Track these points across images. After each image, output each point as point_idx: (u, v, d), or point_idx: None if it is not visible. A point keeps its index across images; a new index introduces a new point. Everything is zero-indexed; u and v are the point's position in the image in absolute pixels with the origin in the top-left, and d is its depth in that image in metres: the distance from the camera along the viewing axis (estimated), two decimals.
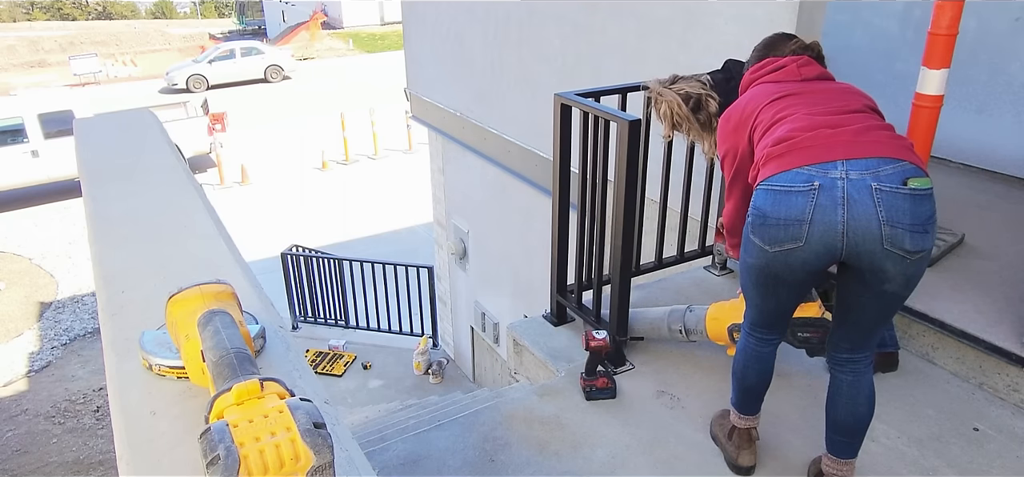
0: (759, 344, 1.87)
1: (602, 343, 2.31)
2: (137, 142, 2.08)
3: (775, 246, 1.57)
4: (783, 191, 1.54)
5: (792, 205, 1.52)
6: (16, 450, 6.60)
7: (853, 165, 1.49)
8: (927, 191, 1.49)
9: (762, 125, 1.74)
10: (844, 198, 1.48)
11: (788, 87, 1.79)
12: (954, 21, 2.59)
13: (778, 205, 1.54)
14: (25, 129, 12.28)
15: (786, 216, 1.53)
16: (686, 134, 2.49)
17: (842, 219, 1.48)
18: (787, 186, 1.54)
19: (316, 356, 7.40)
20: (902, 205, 1.47)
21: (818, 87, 1.79)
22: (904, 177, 1.48)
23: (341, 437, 0.88)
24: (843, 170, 1.49)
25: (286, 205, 12.58)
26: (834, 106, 1.66)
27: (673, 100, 2.42)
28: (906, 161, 1.50)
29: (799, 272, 1.60)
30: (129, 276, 1.29)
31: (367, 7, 33.72)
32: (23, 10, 40.03)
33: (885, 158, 1.49)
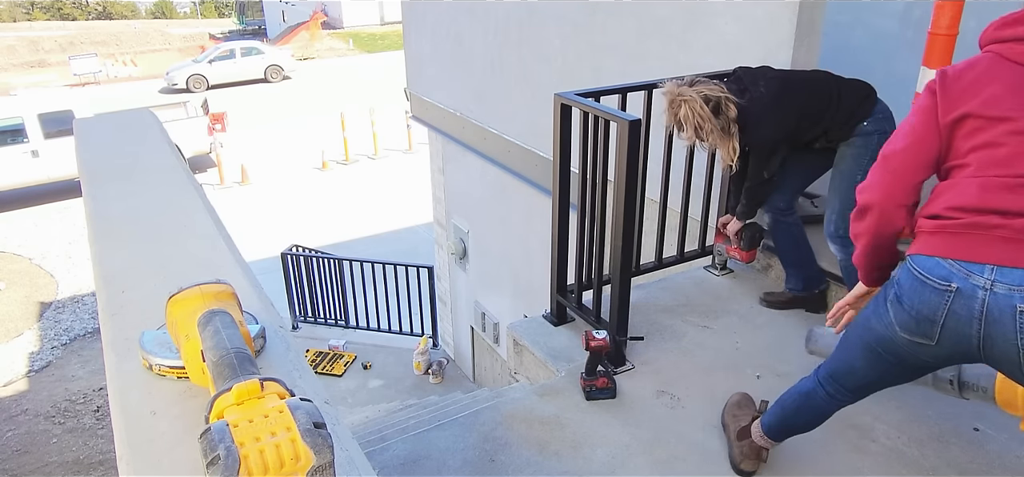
0: (828, 401, 1.73)
1: (602, 343, 2.31)
2: (137, 142, 2.08)
3: (905, 333, 1.39)
4: (920, 279, 1.33)
5: (925, 299, 1.32)
6: (16, 450, 6.60)
7: (1003, 275, 1.22)
8: None
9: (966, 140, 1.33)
10: (982, 313, 1.25)
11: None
12: (954, 21, 2.59)
13: (913, 293, 1.35)
14: (25, 129, 12.28)
15: (918, 310, 1.34)
16: (706, 139, 2.47)
17: (977, 333, 1.27)
18: (925, 275, 1.33)
19: (316, 356, 7.40)
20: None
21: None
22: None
23: (341, 437, 0.88)
24: (989, 278, 1.24)
25: (286, 205, 12.57)
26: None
27: (696, 103, 2.39)
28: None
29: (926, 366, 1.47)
30: (129, 276, 1.29)
31: (367, 7, 33.71)
32: (23, 10, 40.02)
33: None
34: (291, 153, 15.44)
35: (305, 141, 16.03)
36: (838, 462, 2.08)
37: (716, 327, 2.75)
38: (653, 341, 2.65)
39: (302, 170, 14.45)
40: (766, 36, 2.83)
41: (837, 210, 2.54)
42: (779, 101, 2.51)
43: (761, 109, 2.49)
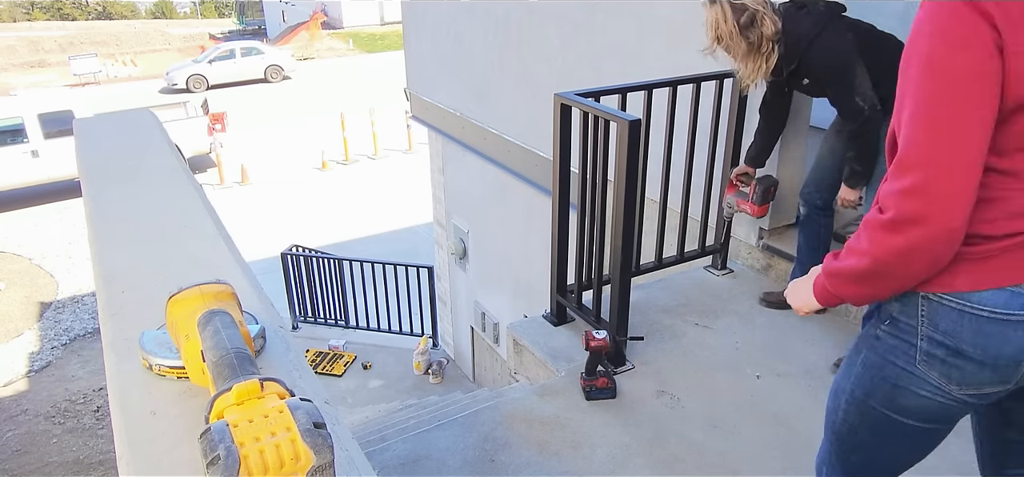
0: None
1: (602, 343, 2.31)
2: (137, 142, 2.08)
3: (968, 389, 1.09)
4: (992, 319, 1.04)
5: (1007, 341, 1.04)
6: (16, 450, 6.60)
7: None
8: None
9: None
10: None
11: None
12: None
13: (984, 338, 1.05)
14: (25, 129, 12.28)
15: (996, 355, 1.05)
16: (726, 51, 2.37)
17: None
18: (999, 313, 1.04)
19: (316, 356, 7.40)
20: None
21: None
22: None
23: (341, 437, 0.88)
24: None
25: (286, 205, 12.57)
26: None
27: (723, 9, 2.27)
28: None
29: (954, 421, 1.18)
30: (129, 276, 1.29)
31: (367, 7, 33.71)
32: (23, 10, 40.02)
33: None
34: (291, 153, 15.45)
35: (305, 141, 16.03)
36: None
37: (716, 327, 2.75)
38: (653, 341, 2.65)
39: (302, 170, 14.45)
40: None
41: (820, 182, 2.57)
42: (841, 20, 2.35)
43: (823, 25, 2.29)
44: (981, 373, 1.07)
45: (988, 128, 0.97)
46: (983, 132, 0.97)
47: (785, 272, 3.03)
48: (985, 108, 0.96)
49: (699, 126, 2.76)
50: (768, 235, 3.08)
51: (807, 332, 2.69)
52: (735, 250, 3.25)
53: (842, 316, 2.77)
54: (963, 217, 0.99)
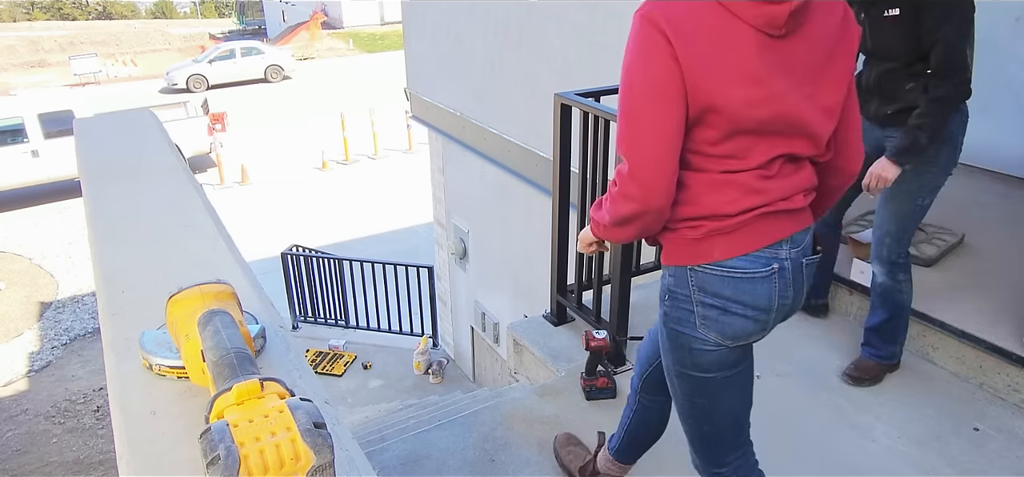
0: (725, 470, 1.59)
1: (602, 343, 2.31)
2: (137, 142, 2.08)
3: (739, 340, 1.35)
4: (746, 278, 1.30)
5: (758, 294, 1.31)
6: (16, 450, 6.60)
7: (794, 242, 1.33)
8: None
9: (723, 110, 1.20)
10: (792, 279, 1.34)
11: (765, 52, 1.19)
12: None
13: (742, 293, 1.30)
14: (25, 129, 12.28)
15: (755, 306, 1.31)
16: None
17: (790, 302, 1.35)
18: (750, 271, 1.30)
19: (316, 356, 7.40)
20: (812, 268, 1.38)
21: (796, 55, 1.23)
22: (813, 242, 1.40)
23: (341, 437, 0.88)
24: (788, 250, 1.32)
25: (286, 205, 12.57)
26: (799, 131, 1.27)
27: None
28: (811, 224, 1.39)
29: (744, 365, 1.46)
30: (129, 276, 1.29)
31: (367, 7, 33.71)
32: (23, 10, 40.03)
33: (808, 228, 1.37)
34: (291, 153, 15.44)
35: (305, 141, 16.03)
36: (838, 462, 2.08)
37: None
38: None
39: (302, 170, 14.46)
40: None
41: (892, 233, 2.25)
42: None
43: None
44: (745, 323, 1.32)
45: (677, 128, 1.21)
46: (672, 131, 1.21)
47: None
48: (671, 113, 1.20)
49: None
50: None
51: (807, 332, 2.69)
52: None
53: (842, 316, 2.77)
54: (663, 201, 1.25)
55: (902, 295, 2.33)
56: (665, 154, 1.22)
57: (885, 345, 2.40)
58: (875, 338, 2.41)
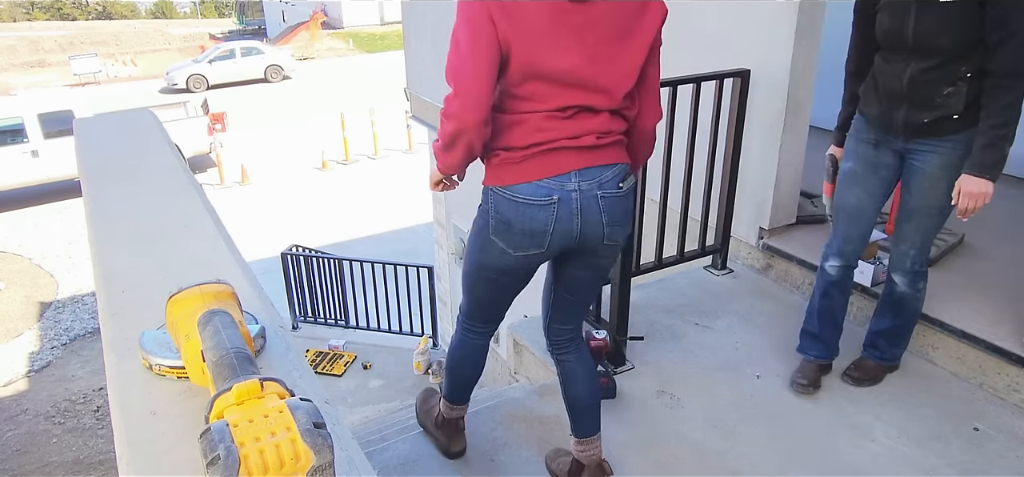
0: (477, 337, 1.95)
1: (602, 343, 2.31)
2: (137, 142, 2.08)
3: (519, 251, 1.63)
4: (525, 203, 1.56)
5: (536, 219, 1.57)
6: (16, 450, 6.60)
7: (583, 176, 1.56)
8: (631, 188, 1.66)
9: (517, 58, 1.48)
10: (579, 209, 1.57)
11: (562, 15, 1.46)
12: None
13: (522, 216, 1.57)
14: (25, 129, 12.28)
15: (531, 228, 1.58)
16: None
17: (577, 227, 1.59)
18: (531, 198, 1.56)
19: (316, 356, 7.40)
20: (618, 205, 1.62)
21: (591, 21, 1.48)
22: (619, 180, 1.61)
23: (341, 437, 0.88)
24: (576, 182, 1.56)
25: (286, 205, 12.57)
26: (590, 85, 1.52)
27: None
28: (620, 164, 1.61)
29: (533, 270, 1.75)
30: (129, 276, 1.29)
31: (367, 7, 33.72)
32: (23, 10, 40.03)
33: (608, 165, 1.59)
34: (291, 153, 15.44)
35: (305, 141, 16.04)
36: (838, 462, 2.08)
37: (716, 327, 2.75)
38: (653, 341, 2.65)
39: (302, 170, 14.46)
40: (766, 36, 2.83)
41: (918, 246, 2.15)
42: None
43: None
44: (523, 239, 1.60)
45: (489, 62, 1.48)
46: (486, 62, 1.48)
47: (785, 272, 3.03)
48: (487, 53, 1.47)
49: (699, 126, 2.76)
50: (768, 235, 3.08)
51: None
52: (735, 250, 3.25)
53: None
54: (477, 115, 1.50)
55: (918, 302, 2.30)
56: (479, 78, 1.48)
57: (891, 348, 2.39)
58: (882, 341, 2.39)
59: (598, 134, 1.56)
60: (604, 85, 1.53)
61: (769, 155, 2.96)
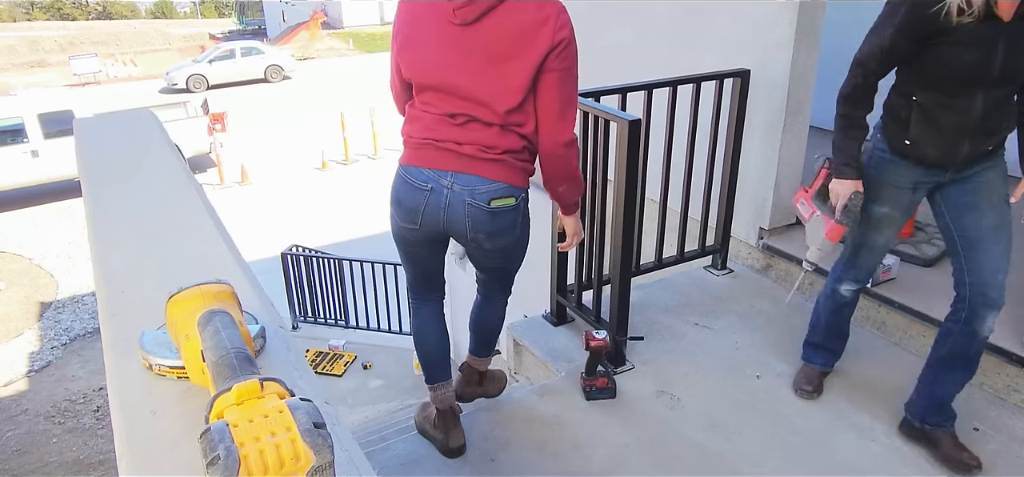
0: (420, 306, 2.22)
1: (602, 343, 2.31)
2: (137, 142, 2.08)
3: (402, 223, 1.92)
4: (409, 183, 1.84)
5: (412, 198, 1.85)
6: (16, 450, 6.60)
7: (458, 179, 1.80)
8: (508, 207, 1.85)
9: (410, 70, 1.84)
10: (446, 203, 1.83)
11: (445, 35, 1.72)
12: None
13: (404, 193, 1.86)
14: (25, 129, 12.27)
15: (408, 205, 1.86)
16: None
17: (443, 219, 1.85)
18: (412, 180, 1.83)
19: (316, 356, 7.40)
20: (483, 218, 1.83)
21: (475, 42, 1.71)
22: (491, 197, 1.81)
23: (341, 437, 0.88)
24: (451, 181, 1.80)
25: (286, 205, 12.57)
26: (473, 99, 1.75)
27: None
28: (499, 182, 1.81)
29: (417, 245, 1.98)
30: (129, 276, 1.29)
31: (367, 7, 33.73)
32: (23, 10, 40.03)
33: (484, 178, 1.80)
34: (291, 153, 15.44)
35: (305, 141, 16.03)
36: (838, 462, 2.08)
37: (716, 327, 2.75)
38: (653, 341, 2.65)
39: (302, 170, 14.45)
40: (766, 36, 2.83)
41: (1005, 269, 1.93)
42: None
43: None
44: (403, 212, 1.88)
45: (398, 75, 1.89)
46: (397, 77, 1.91)
47: (785, 272, 3.03)
48: (395, 67, 1.90)
49: (699, 126, 2.76)
50: (768, 235, 3.08)
51: None
52: (735, 250, 3.25)
53: None
54: (400, 107, 1.96)
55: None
56: (392, 85, 1.95)
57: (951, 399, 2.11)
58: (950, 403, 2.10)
59: (482, 147, 1.77)
60: (485, 100, 1.74)
61: (769, 155, 2.96)
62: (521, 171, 1.85)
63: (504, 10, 1.70)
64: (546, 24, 1.73)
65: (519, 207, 1.89)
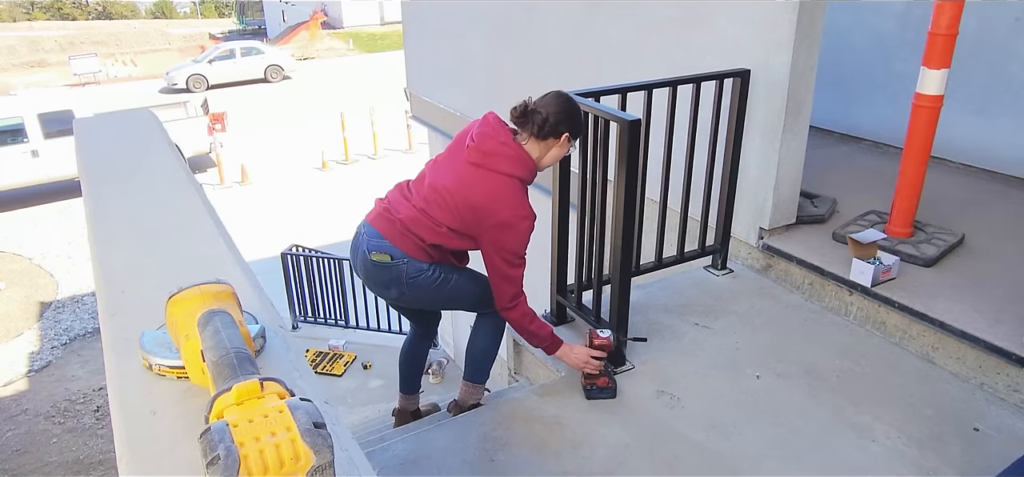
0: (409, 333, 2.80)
1: (606, 341, 2.31)
2: (137, 142, 2.08)
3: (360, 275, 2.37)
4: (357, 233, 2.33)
5: (356, 248, 2.32)
6: (16, 450, 6.61)
7: (369, 229, 2.26)
8: (384, 263, 2.22)
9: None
10: (356, 247, 2.30)
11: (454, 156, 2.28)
12: (954, 21, 2.59)
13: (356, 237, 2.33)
14: (25, 129, 12.28)
15: (354, 256, 2.35)
16: None
17: (354, 261, 2.35)
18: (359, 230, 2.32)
19: (316, 356, 7.40)
20: (369, 266, 2.26)
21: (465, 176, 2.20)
22: (371, 250, 2.22)
23: (341, 437, 0.88)
24: (364, 228, 2.28)
25: (286, 205, 12.58)
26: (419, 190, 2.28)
27: None
28: (383, 240, 2.21)
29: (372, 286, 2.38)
30: (129, 276, 1.29)
31: (367, 7, 33.72)
32: (23, 10, 40.02)
33: (378, 233, 2.23)
34: (291, 153, 15.45)
35: (305, 141, 16.04)
36: (838, 462, 2.08)
37: (716, 327, 2.75)
38: (653, 341, 2.65)
39: (302, 170, 14.46)
40: (766, 36, 2.83)
41: None
42: None
43: None
44: (356, 266, 2.35)
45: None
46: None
47: (785, 272, 3.03)
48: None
49: (699, 126, 2.76)
50: (768, 235, 3.08)
51: (807, 332, 2.69)
52: (735, 250, 3.25)
53: (842, 316, 2.77)
54: None
55: None
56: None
57: None
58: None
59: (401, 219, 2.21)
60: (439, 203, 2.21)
61: (769, 155, 2.96)
62: (414, 247, 2.21)
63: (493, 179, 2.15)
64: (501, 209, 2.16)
65: (399, 268, 2.23)
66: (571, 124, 2.19)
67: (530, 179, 2.23)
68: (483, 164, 2.14)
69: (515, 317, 2.27)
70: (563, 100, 2.18)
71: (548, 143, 2.20)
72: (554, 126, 2.15)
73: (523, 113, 2.16)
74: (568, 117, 2.18)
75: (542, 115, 2.13)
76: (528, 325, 2.29)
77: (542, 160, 2.23)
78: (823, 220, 3.18)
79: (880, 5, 4.08)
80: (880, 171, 3.77)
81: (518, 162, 2.16)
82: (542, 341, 2.32)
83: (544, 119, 2.13)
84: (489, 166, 2.13)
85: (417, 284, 2.26)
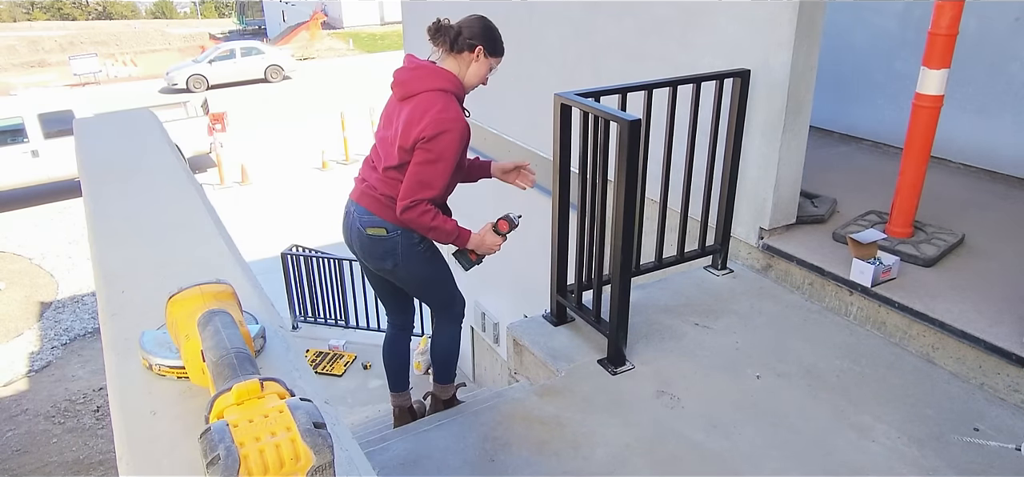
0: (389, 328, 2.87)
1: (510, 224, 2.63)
2: (137, 142, 2.08)
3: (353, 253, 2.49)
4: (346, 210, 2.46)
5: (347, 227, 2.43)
6: (16, 450, 6.61)
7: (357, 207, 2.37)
8: (379, 236, 2.32)
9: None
10: (347, 225, 2.39)
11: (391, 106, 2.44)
12: (954, 21, 2.59)
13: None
14: (25, 129, 12.28)
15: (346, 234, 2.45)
16: None
17: (347, 238, 2.44)
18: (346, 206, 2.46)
19: (316, 356, 7.40)
20: (363, 241, 2.36)
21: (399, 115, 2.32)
22: (364, 226, 2.33)
23: (341, 437, 0.88)
24: (353, 206, 2.39)
25: (286, 205, 12.57)
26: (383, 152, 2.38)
27: None
28: (373, 214, 2.33)
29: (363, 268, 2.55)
30: (129, 276, 1.29)
31: (367, 7, 33.71)
32: (23, 10, 40.02)
33: (366, 209, 2.34)
34: (291, 153, 15.44)
35: (305, 141, 16.03)
36: (838, 462, 2.08)
37: (716, 327, 2.75)
38: (653, 341, 2.65)
39: (302, 170, 14.45)
40: (766, 36, 2.83)
41: None
42: None
43: None
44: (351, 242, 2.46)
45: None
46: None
47: (785, 272, 3.03)
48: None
49: (699, 126, 2.76)
50: (768, 235, 3.08)
51: (807, 332, 2.69)
52: (735, 250, 3.25)
53: (842, 316, 2.77)
54: None
55: None
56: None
57: None
58: None
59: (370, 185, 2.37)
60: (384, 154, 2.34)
61: (769, 155, 2.96)
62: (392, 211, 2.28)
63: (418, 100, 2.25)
64: (424, 118, 2.21)
65: (393, 239, 2.31)
66: (485, 39, 2.31)
67: (455, 90, 2.32)
68: (407, 93, 2.28)
69: (412, 216, 2.27)
70: (477, 17, 2.33)
71: (465, 58, 2.32)
72: (467, 39, 2.28)
73: (438, 29, 2.30)
74: (482, 31, 2.30)
75: (455, 29, 2.28)
76: (430, 222, 2.31)
77: (465, 76, 2.35)
78: (823, 220, 3.18)
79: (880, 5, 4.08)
80: (880, 171, 3.77)
81: (436, 75, 2.27)
82: (449, 235, 2.39)
83: (457, 32, 2.28)
84: (412, 91, 2.27)
85: (409, 255, 2.39)
